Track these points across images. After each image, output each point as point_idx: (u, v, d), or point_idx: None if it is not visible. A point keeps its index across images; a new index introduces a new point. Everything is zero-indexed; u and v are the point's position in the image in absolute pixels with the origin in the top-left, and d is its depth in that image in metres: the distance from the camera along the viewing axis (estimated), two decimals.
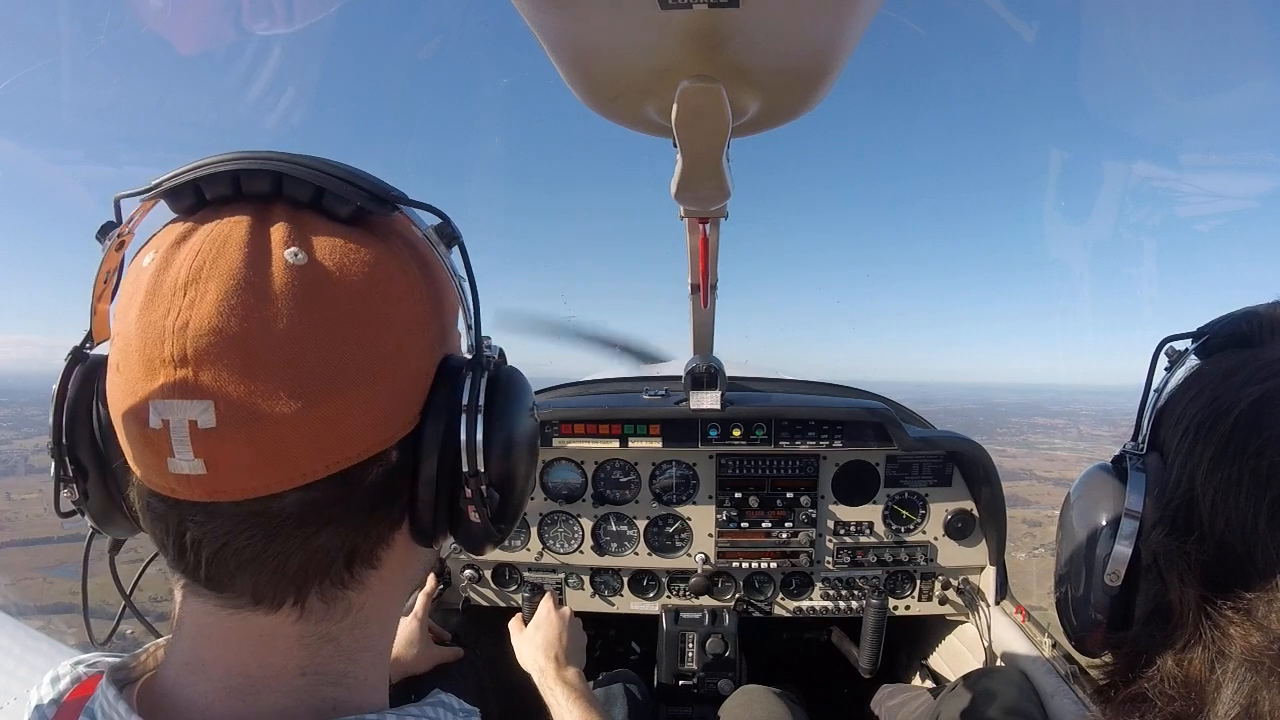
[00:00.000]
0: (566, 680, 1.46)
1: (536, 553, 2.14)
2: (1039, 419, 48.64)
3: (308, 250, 0.47)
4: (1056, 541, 0.79)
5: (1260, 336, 0.66)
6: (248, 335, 0.44)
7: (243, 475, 0.45)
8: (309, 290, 0.46)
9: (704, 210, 1.09)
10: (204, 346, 0.44)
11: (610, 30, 0.62)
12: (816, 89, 0.71)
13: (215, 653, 0.52)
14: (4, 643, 1.47)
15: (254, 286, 0.45)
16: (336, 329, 0.47)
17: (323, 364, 0.46)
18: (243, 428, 0.44)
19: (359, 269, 0.48)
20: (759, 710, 1.67)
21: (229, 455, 0.45)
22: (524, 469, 0.59)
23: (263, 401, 0.44)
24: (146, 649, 0.59)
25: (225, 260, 0.46)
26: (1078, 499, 0.75)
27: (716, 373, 1.91)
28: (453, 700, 0.59)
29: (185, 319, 0.44)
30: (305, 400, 0.45)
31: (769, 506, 2.10)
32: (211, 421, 0.44)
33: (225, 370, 0.44)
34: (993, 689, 1.53)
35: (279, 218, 0.49)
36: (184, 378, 0.44)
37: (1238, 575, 0.59)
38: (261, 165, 0.49)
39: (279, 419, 0.44)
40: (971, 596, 2.09)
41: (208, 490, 0.46)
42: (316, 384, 0.45)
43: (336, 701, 0.52)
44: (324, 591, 0.51)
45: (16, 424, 33.72)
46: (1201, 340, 0.71)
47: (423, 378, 0.52)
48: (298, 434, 0.45)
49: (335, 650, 0.53)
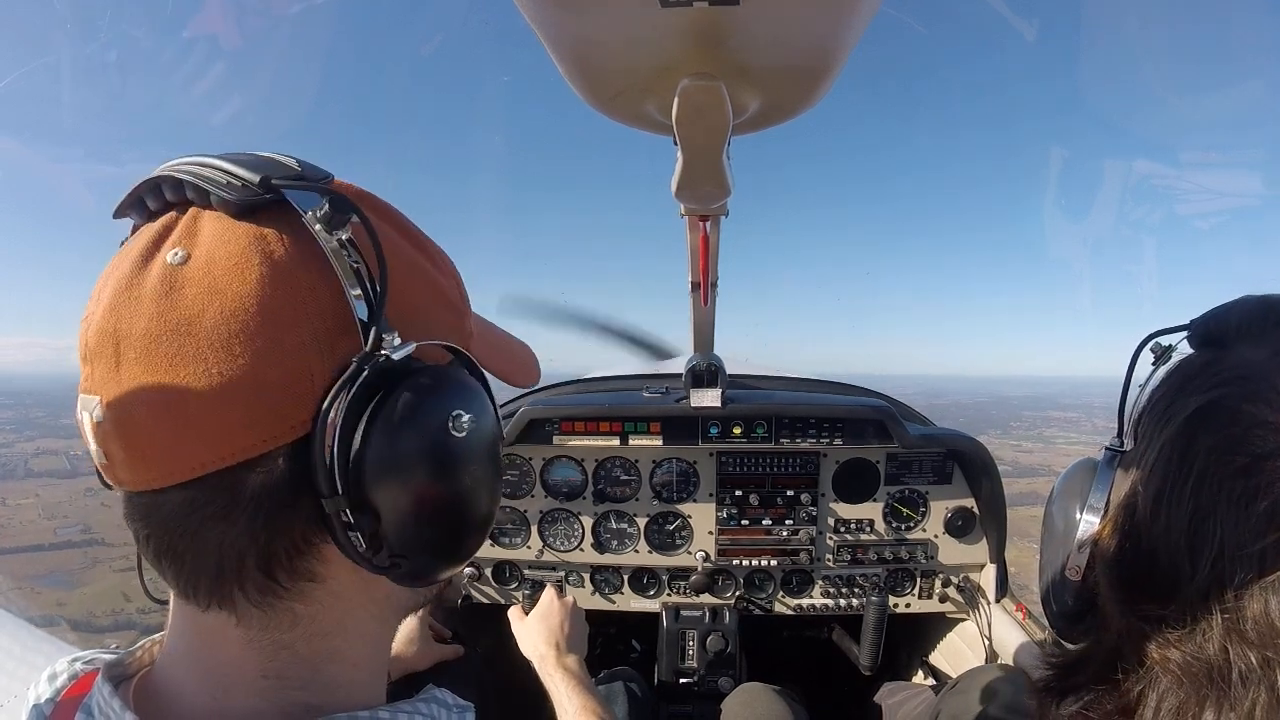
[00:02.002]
0: (567, 667, 1.46)
1: (537, 550, 2.14)
2: (1053, 412, 48.22)
3: (190, 249, 0.48)
4: (1041, 531, 0.79)
5: (1226, 338, 0.65)
6: (118, 333, 0.47)
7: (127, 468, 0.48)
8: (173, 289, 0.46)
9: (704, 208, 1.09)
10: (93, 345, 0.48)
11: (611, 28, 0.62)
12: (817, 87, 0.71)
13: (185, 647, 0.53)
14: (4, 642, 1.47)
15: (131, 285, 0.47)
16: (190, 326, 0.45)
17: (177, 362, 0.45)
18: (116, 423, 0.47)
19: (224, 263, 0.47)
20: (759, 708, 1.68)
21: (112, 449, 0.47)
22: (415, 493, 0.50)
23: (130, 398, 0.46)
24: (142, 645, 0.60)
25: (124, 263, 0.49)
26: (1058, 493, 0.76)
27: (717, 370, 1.91)
28: (447, 696, 0.59)
29: (91, 318, 0.49)
30: (166, 398, 0.45)
31: (769, 504, 2.10)
32: (100, 415, 0.47)
33: (106, 368, 0.47)
34: (994, 686, 1.53)
35: (184, 219, 0.50)
36: (85, 374, 0.48)
37: (1160, 587, 0.58)
38: (166, 172, 0.50)
39: (142, 415, 0.46)
40: (972, 594, 2.09)
41: (111, 479, 0.50)
42: (173, 382, 0.45)
43: (308, 706, 0.51)
44: (250, 597, 0.49)
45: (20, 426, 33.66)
46: (1185, 337, 0.70)
47: (301, 379, 0.47)
48: (159, 431, 0.46)
49: (293, 658, 0.52)
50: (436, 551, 0.53)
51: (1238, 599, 0.53)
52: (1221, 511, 0.54)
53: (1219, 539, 0.54)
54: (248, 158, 0.50)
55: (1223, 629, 0.53)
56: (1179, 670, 0.56)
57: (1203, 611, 0.54)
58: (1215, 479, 0.55)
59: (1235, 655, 0.53)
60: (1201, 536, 0.55)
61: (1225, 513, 0.54)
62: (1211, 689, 0.54)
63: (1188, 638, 0.55)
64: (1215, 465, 0.56)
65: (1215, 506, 0.55)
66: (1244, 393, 0.57)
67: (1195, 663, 0.55)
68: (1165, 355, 0.71)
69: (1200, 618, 0.55)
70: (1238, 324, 0.64)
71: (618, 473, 2.14)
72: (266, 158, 0.51)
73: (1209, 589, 0.54)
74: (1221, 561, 0.54)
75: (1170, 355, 0.70)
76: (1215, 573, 0.54)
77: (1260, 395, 0.56)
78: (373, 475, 0.47)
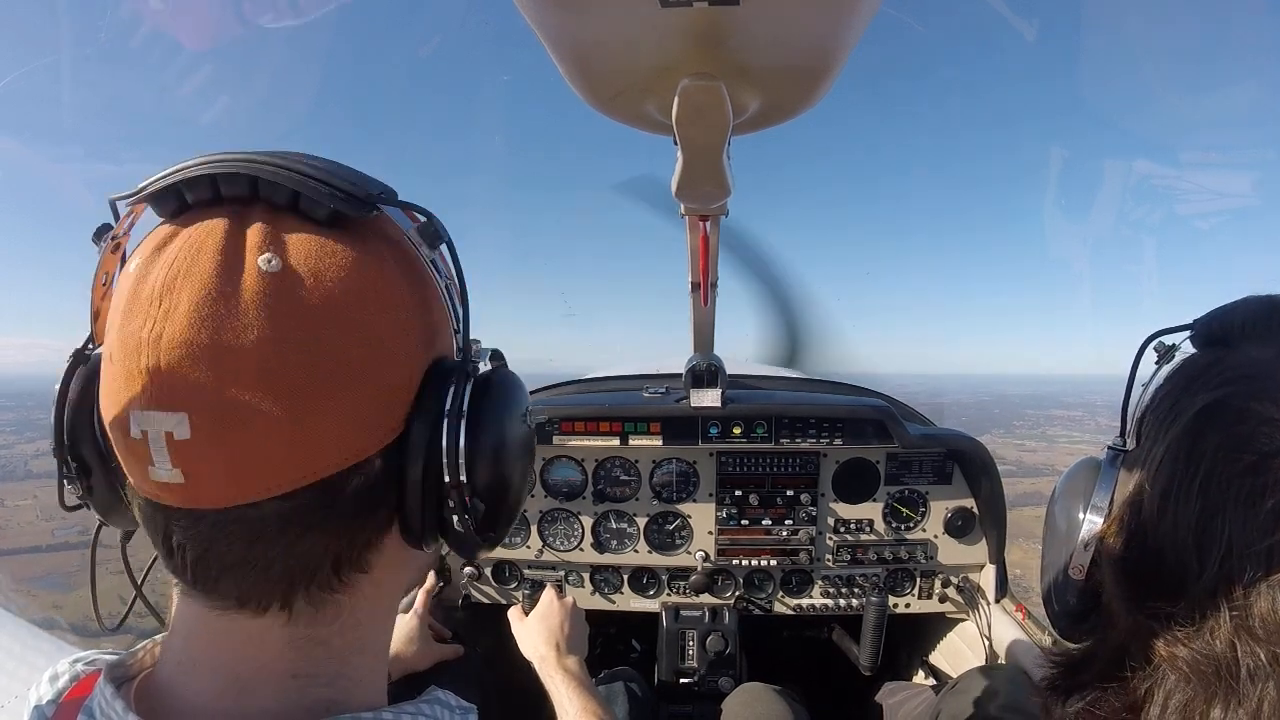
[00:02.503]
0: (567, 668, 1.46)
1: (537, 550, 2.14)
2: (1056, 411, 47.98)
3: (282, 256, 0.46)
4: (1043, 530, 0.80)
5: (1230, 337, 0.65)
6: (219, 347, 0.44)
7: (219, 485, 0.45)
8: (282, 298, 0.45)
9: (704, 208, 1.09)
10: (176, 358, 0.44)
11: (611, 28, 0.62)
12: (817, 87, 0.71)
13: (205, 653, 0.52)
14: (4, 641, 1.47)
15: (225, 296, 0.44)
16: (310, 338, 0.46)
17: (296, 374, 0.45)
18: (216, 440, 0.44)
19: (334, 275, 0.47)
20: (759, 708, 1.68)
21: (204, 466, 0.45)
22: (513, 477, 0.57)
23: (235, 413, 0.44)
24: (144, 646, 0.59)
25: (198, 268, 0.45)
26: (1060, 492, 0.76)
27: (717, 370, 1.91)
28: (450, 697, 0.59)
29: (159, 330, 0.44)
30: (279, 411, 0.44)
31: (769, 504, 2.10)
32: (186, 433, 0.44)
33: (198, 382, 0.44)
34: (994, 686, 1.53)
35: (256, 221, 0.48)
36: (159, 389, 0.44)
37: (1166, 585, 0.58)
38: (239, 168, 0.47)
39: (252, 431, 0.44)
40: (971, 594, 2.09)
41: (186, 498, 0.46)
42: (290, 395, 0.45)
43: (330, 703, 0.52)
44: (311, 595, 0.51)
45: (20, 428, 33.66)
46: (1188, 336, 0.70)
47: (407, 383, 0.50)
48: (272, 445, 0.45)
49: (326, 653, 0.53)
50: (507, 525, 0.59)
51: (1246, 596, 0.53)
52: (1229, 509, 0.54)
53: (1227, 537, 0.54)
54: (325, 165, 0.49)
55: (1231, 626, 0.53)
56: (1187, 667, 0.56)
57: (1211, 609, 0.54)
58: (1223, 477, 0.55)
59: (1243, 652, 0.53)
60: (1209, 534, 0.55)
61: (1233, 511, 0.54)
62: (1219, 686, 0.54)
63: (1195, 635, 0.55)
64: (1223, 463, 0.55)
65: (1223, 504, 0.55)
66: (1251, 391, 0.57)
67: (1203, 660, 0.55)
68: (1168, 355, 0.70)
69: (1208, 615, 0.55)
70: (1243, 323, 0.64)
71: (617, 473, 2.14)
72: (342, 166, 0.50)
73: (1217, 586, 0.54)
74: (1230, 559, 0.54)
75: (1173, 355, 0.70)
76: (1224, 570, 0.54)
77: (1267, 393, 0.56)
78: (481, 463, 0.52)
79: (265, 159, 0.48)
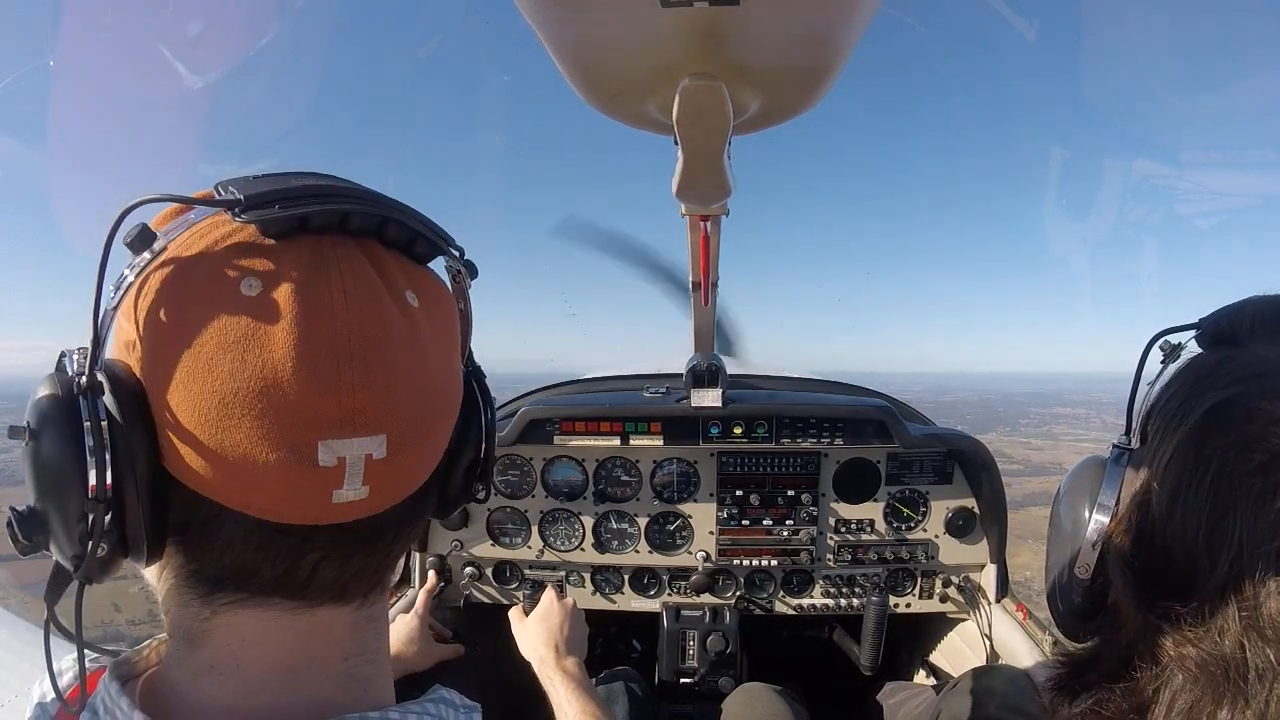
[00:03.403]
0: (566, 670, 1.46)
1: (537, 550, 2.14)
2: (1060, 409, 47.70)
3: (416, 293, 0.53)
4: (1048, 530, 0.79)
5: (1239, 337, 0.65)
6: (390, 379, 0.48)
7: (380, 496, 0.51)
8: (431, 331, 0.53)
9: (705, 208, 1.09)
10: (377, 391, 0.48)
11: (611, 28, 0.62)
12: (818, 86, 0.71)
13: (256, 653, 0.52)
14: (4, 641, 1.47)
15: (389, 324, 0.49)
16: (444, 364, 0.55)
17: (424, 389, 0.52)
18: (402, 456, 0.51)
19: (447, 311, 0.57)
20: (760, 708, 1.68)
21: (390, 480, 0.51)
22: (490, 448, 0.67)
23: (405, 429, 0.50)
24: (149, 644, 0.60)
25: (370, 308, 0.48)
26: (1065, 491, 0.76)
27: (718, 370, 1.91)
28: (454, 696, 0.59)
29: (353, 380, 0.46)
30: (432, 427, 0.54)
31: (770, 504, 2.10)
32: (384, 453, 0.49)
33: (394, 407, 0.49)
34: (994, 686, 1.53)
35: (380, 257, 0.51)
36: (361, 417, 0.47)
37: (1176, 584, 0.58)
38: (370, 208, 0.50)
39: (411, 442, 0.51)
40: (972, 594, 2.09)
41: (362, 510, 0.50)
42: (436, 413, 0.54)
43: (368, 681, 0.56)
44: (386, 583, 0.59)
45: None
46: (1194, 335, 0.70)
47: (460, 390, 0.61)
48: (423, 457, 0.54)
49: (373, 628, 0.58)
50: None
51: (1256, 596, 0.52)
52: (1240, 508, 0.54)
53: (1238, 536, 0.54)
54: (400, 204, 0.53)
55: (1240, 626, 0.53)
56: (1195, 667, 0.55)
57: (1220, 608, 0.54)
58: (1233, 476, 0.55)
59: (1252, 652, 0.53)
60: (1220, 534, 0.55)
61: (1244, 509, 0.54)
62: (1227, 686, 0.54)
63: (1204, 635, 0.55)
64: (1233, 462, 0.55)
65: (1234, 503, 0.54)
66: (1260, 390, 0.57)
67: (1211, 660, 0.54)
68: (1174, 354, 0.70)
69: (1218, 615, 0.54)
70: (1251, 323, 0.64)
71: (618, 473, 2.14)
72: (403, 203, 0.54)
73: (1226, 586, 0.54)
74: (1240, 559, 0.53)
75: (1179, 354, 0.70)
76: (1233, 570, 0.54)
77: (1277, 392, 0.56)
78: (491, 440, 0.65)
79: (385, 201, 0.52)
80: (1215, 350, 0.66)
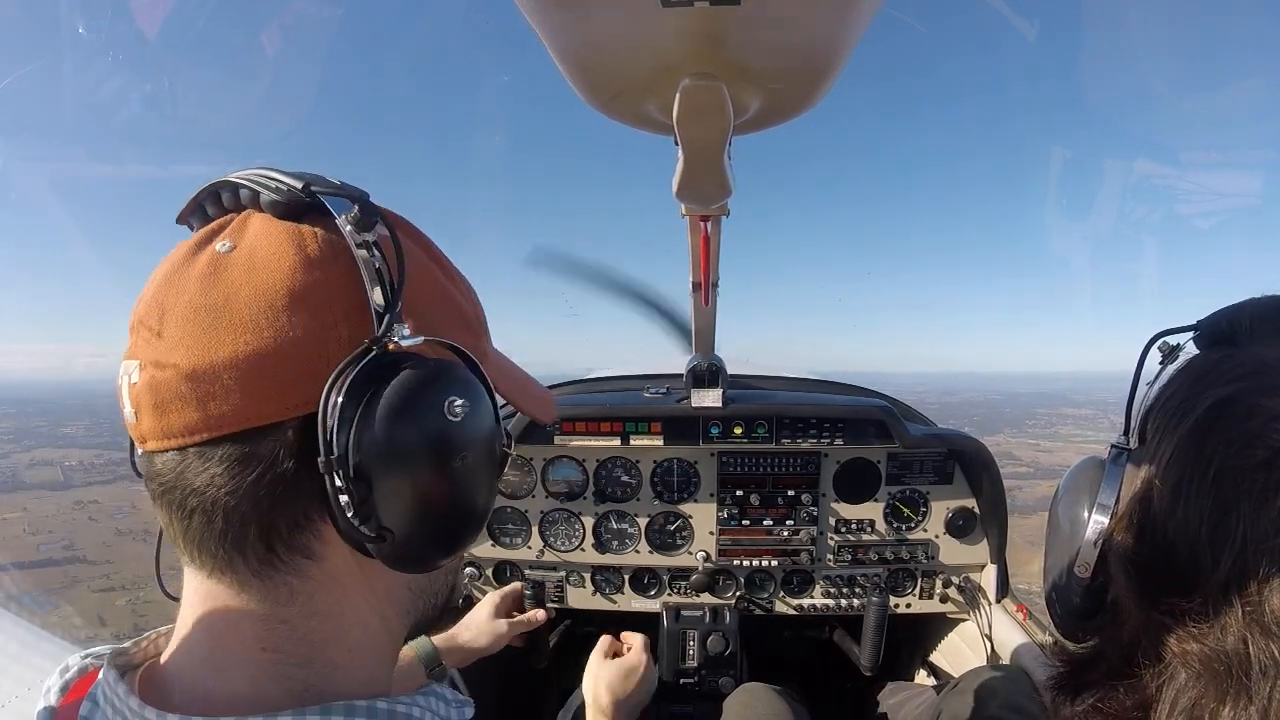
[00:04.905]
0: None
1: (538, 550, 2.14)
2: (1066, 410, 47.61)
3: (237, 241, 0.55)
4: (1046, 532, 0.79)
5: (1238, 337, 0.65)
6: (164, 308, 0.53)
7: (148, 421, 0.52)
8: (216, 271, 0.53)
9: (705, 208, 1.09)
10: (140, 317, 0.54)
11: (612, 28, 0.62)
12: (818, 86, 0.71)
13: (192, 619, 0.55)
14: (4, 641, 1.47)
15: (181, 270, 0.54)
16: (229, 303, 0.51)
17: (212, 333, 0.51)
18: (149, 384, 0.52)
19: (264, 253, 0.54)
20: (760, 708, 1.67)
21: (142, 407, 0.52)
22: (411, 469, 0.52)
23: (165, 362, 0.51)
24: (148, 636, 0.62)
25: (178, 253, 0.56)
26: (1064, 491, 0.76)
27: (718, 370, 1.91)
28: (445, 690, 0.60)
29: (142, 297, 0.56)
30: (195, 362, 0.50)
31: (770, 504, 2.10)
32: (136, 378, 0.52)
33: (148, 336, 0.53)
34: (995, 686, 1.53)
35: (237, 220, 0.57)
36: (130, 342, 0.55)
37: (1178, 581, 0.58)
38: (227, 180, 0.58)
39: (171, 377, 0.51)
40: (972, 594, 2.09)
41: (136, 435, 0.54)
42: (205, 349, 0.51)
43: (307, 684, 0.54)
44: (250, 565, 0.53)
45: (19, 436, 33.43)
46: (1193, 336, 0.70)
47: (324, 359, 0.51)
48: (188, 392, 0.50)
49: (289, 634, 0.54)
50: (423, 532, 0.55)
51: (1259, 592, 0.53)
52: (1242, 505, 0.54)
53: (1240, 533, 0.54)
54: (296, 172, 0.57)
55: (1243, 622, 0.53)
56: (1199, 664, 0.56)
57: (1223, 605, 0.54)
58: (1235, 473, 0.55)
59: (1255, 649, 0.53)
60: (1223, 531, 0.55)
61: (1246, 507, 0.54)
62: (1230, 683, 0.54)
63: (1208, 631, 0.55)
64: (1234, 459, 0.56)
65: (1236, 500, 0.55)
66: (1260, 386, 0.57)
67: (1214, 656, 0.54)
68: (1173, 355, 0.71)
69: (1221, 611, 0.55)
70: (1250, 324, 0.64)
71: (619, 473, 2.14)
72: (313, 174, 0.57)
73: (1229, 582, 0.54)
74: (1243, 555, 0.54)
75: (1178, 355, 0.70)
76: (1237, 566, 0.54)
77: (1277, 389, 0.56)
78: (368, 445, 0.50)
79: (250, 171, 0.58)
80: (1213, 350, 0.67)
